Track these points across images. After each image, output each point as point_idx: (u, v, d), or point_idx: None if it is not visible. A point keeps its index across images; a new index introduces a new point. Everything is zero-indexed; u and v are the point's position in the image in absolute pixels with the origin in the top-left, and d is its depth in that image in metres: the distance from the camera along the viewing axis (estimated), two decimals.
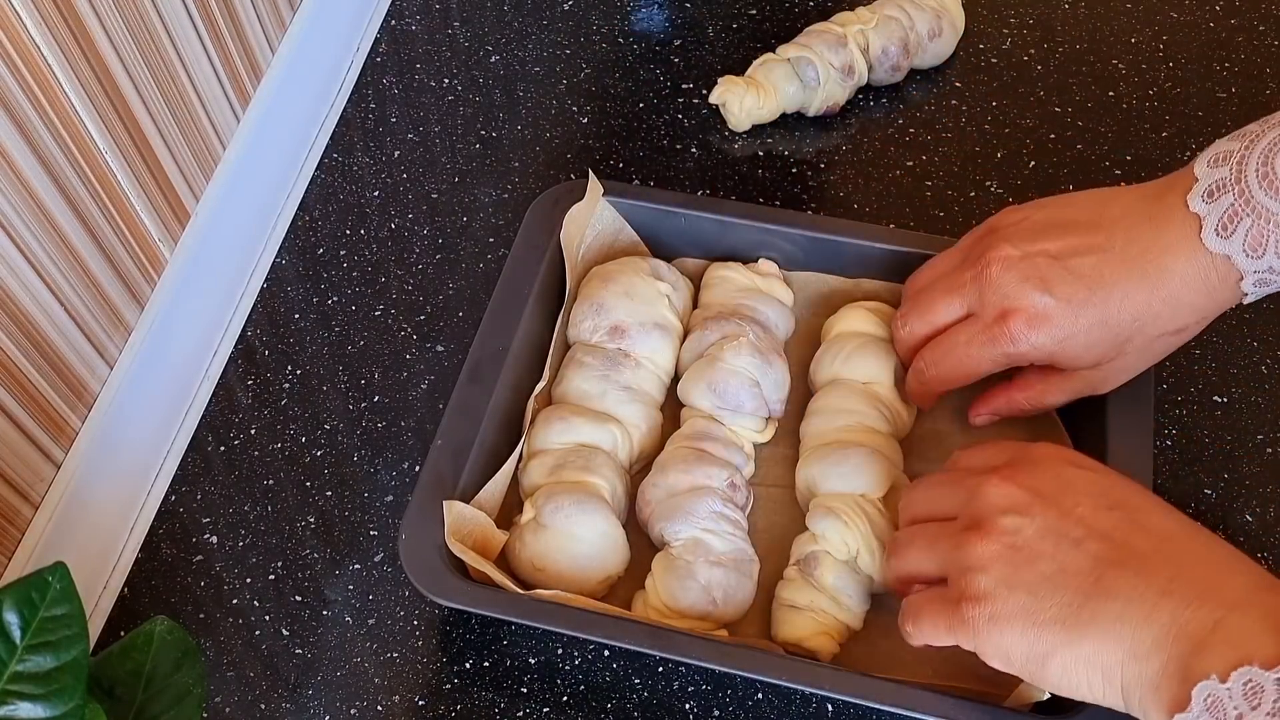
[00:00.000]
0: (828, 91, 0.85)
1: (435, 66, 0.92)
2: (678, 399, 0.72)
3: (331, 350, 0.78)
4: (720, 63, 0.90)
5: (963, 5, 0.89)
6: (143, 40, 0.67)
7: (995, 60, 0.89)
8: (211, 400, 0.77)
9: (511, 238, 0.76)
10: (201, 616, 0.69)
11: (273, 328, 0.80)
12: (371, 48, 0.92)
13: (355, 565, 0.70)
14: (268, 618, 0.69)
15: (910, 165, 0.84)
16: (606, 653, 0.67)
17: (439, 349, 0.78)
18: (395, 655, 0.67)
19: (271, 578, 0.70)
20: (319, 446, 0.75)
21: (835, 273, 0.76)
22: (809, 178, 0.84)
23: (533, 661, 0.67)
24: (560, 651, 0.67)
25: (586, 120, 0.88)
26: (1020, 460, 0.57)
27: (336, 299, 0.81)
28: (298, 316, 0.80)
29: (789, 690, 0.65)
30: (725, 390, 0.69)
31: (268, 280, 0.81)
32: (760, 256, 0.76)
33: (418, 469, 0.73)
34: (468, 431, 0.67)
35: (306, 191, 0.85)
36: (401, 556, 0.64)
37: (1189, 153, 0.84)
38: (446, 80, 0.91)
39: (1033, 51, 0.90)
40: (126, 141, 0.68)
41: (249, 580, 0.70)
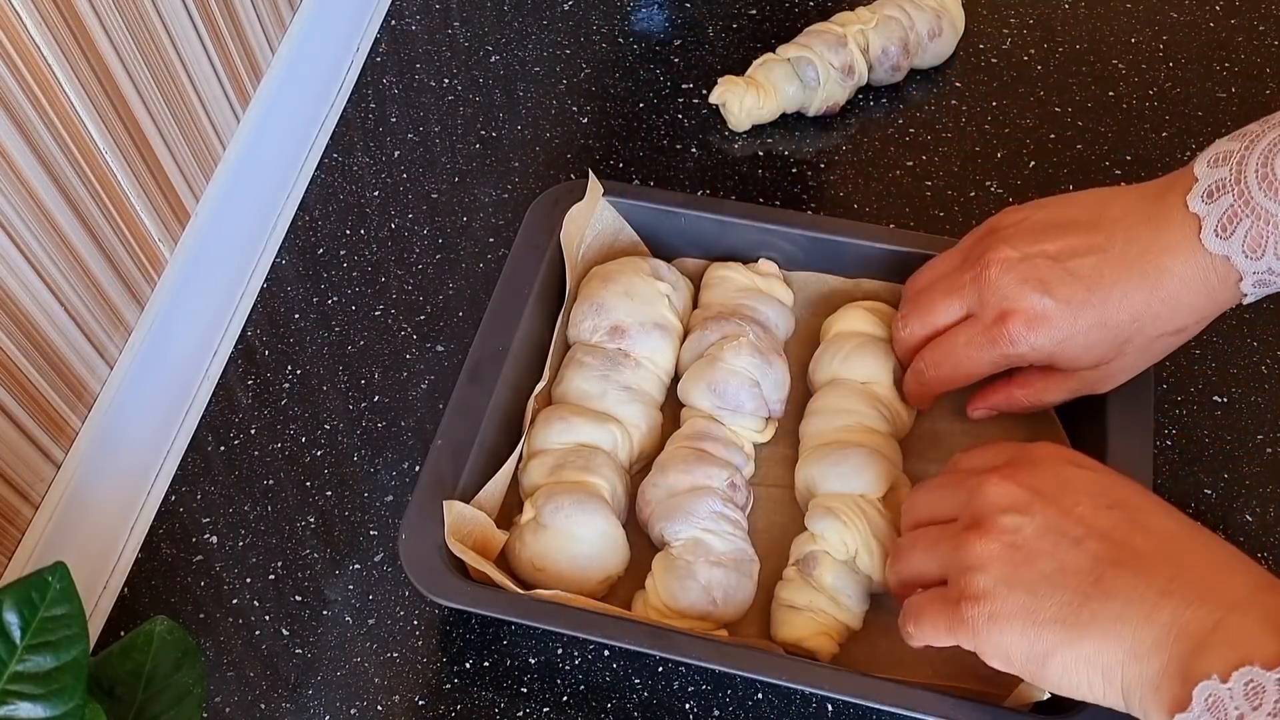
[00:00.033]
0: (828, 91, 0.85)
1: (435, 66, 0.92)
2: (678, 399, 0.72)
3: (331, 350, 0.78)
4: (720, 63, 0.90)
5: (963, 5, 0.89)
6: (143, 40, 0.67)
7: (995, 60, 0.89)
8: (211, 400, 0.77)
9: (511, 238, 0.76)
10: (201, 616, 0.69)
11: (273, 328, 0.80)
12: (371, 48, 0.92)
13: (355, 565, 0.70)
14: (268, 618, 0.69)
15: (910, 165, 0.84)
16: (606, 653, 0.67)
17: (439, 349, 0.78)
18: (395, 655, 0.67)
19: (271, 578, 0.70)
20: (319, 446, 0.75)
21: (835, 273, 0.76)
22: (809, 178, 0.84)
23: (533, 661, 0.67)
24: (560, 651, 0.67)
25: (586, 120, 0.88)
26: (1020, 460, 0.57)
27: (336, 299, 0.81)
28: (298, 316, 0.80)
29: (789, 690, 0.65)
30: (725, 390, 0.69)
31: (268, 280, 0.81)
32: (760, 256, 0.76)
33: (418, 469, 0.73)
34: (468, 431, 0.67)
35: (306, 191, 0.85)
36: (401, 556, 0.64)
37: (1189, 153, 0.84)
38: (446, 80, 0.91)
39: (1033, 51, 0.90)
40: (126, 141, 0.68)
41: (249, 580, 0.70)
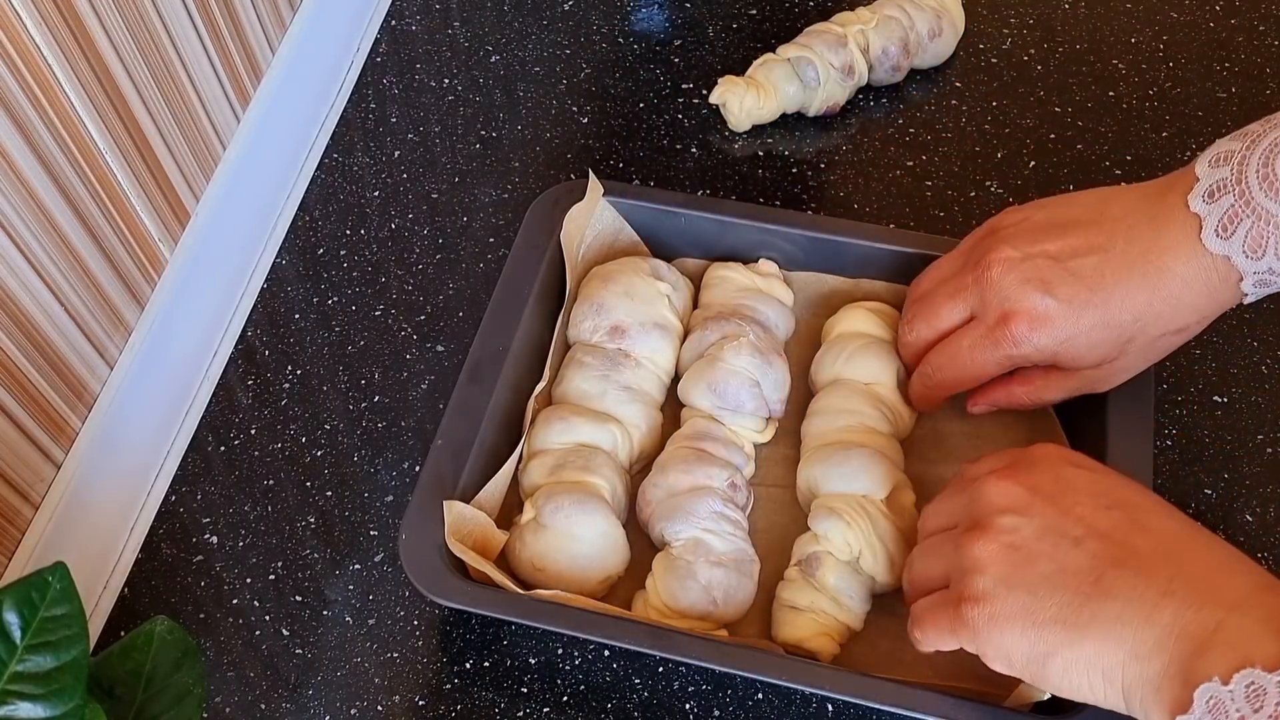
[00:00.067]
0: (828, 91, 0.85)
1: (435, 66, 0.92)
2: (678, 399, 0.72)
3: (331, 350, 0.78)
4: (720, 63, 0.90)
5: (963, 5, 0.89)
6: (143, 40, 0.67)
7: (995, 60, 0.89)
8: (211, 400, 0.77)
9: (511, 238, 0.76)
10: (201, 616, 0.69)
11: (273, 328, 0.80)
12: (371, 48, 0.92)
13: (355, 565, 0.70)
14: (268, 618, 0.69)
15: (910, 165, 0.84)
16: (606, 653, 0.67)
17: (439, 349, 0.78)
18: (395, 655, 0.67)
19: (271, 578, 0.70)
20: (319, 446, 0.75)
21: (835, 273, 0.76)
22: (809, 178, 0.84)
23: (533, 661, 0.67)
24: (560, 651, 0.67)
25: (586, 120, 0.88)
26: (1020, 461, 0.57)
27: (336, 299, 0.81)
28: (298, 316, 0.80)
29: (789, 690, 0.65)
30: (725, 390, 0.69)
31: (268, 280, 0.81)
32: (760, 256, 0.76)
33: (418, 469, 0.73)
34: (468, 431, 0.67)
35: (306, 191, 0.85)
36: (401, 556, 0.64)
37: (1189, 153, 0.84)
38: (446, 80, 0.91)
39: (1033, 51, 0.90)
40: (126, 141, 0.68)
41: (249, 580, 0.70)
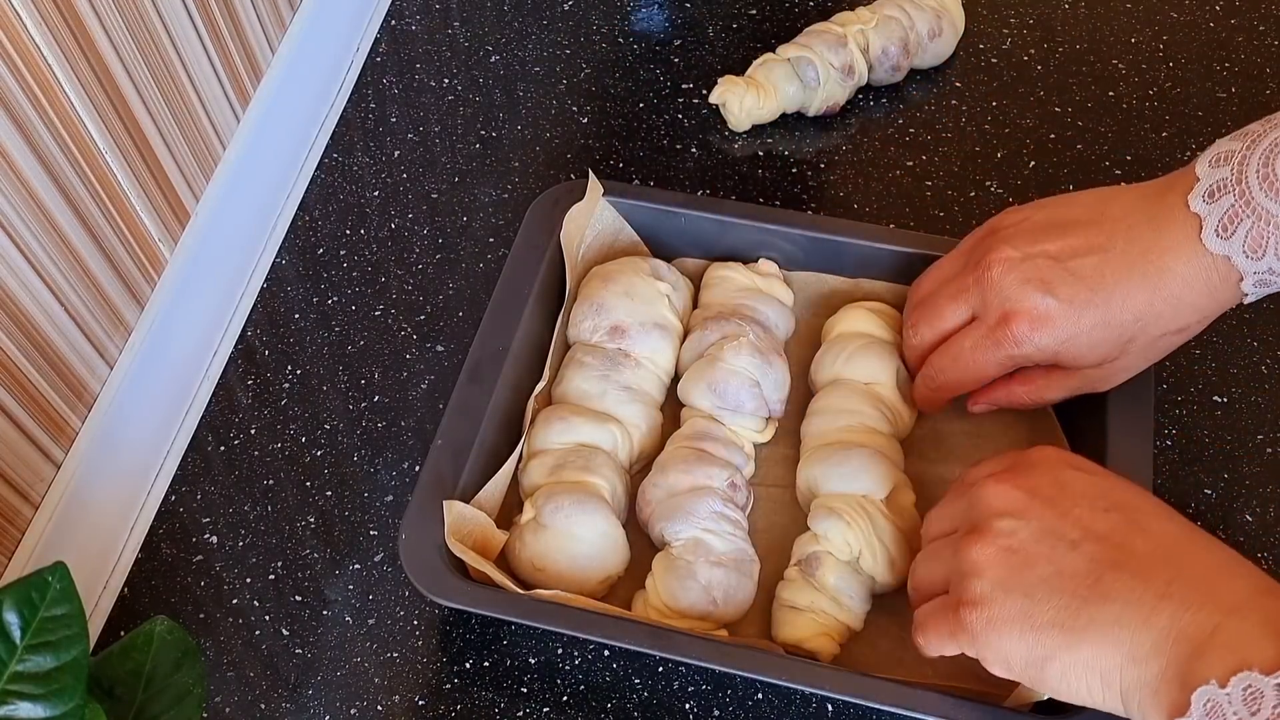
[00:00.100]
0: (828, 91, 0.85)
1: (435, 66, 0.92)
2: (678, 399, 0.72)
3: (331, 350, 0.78)
4: (720, 63, 0.90)
5: (963, 5, 0.89)
6: (143, 40, 0.67)
7: (995, 60, 0.89)
8: (211, 400, 0.77)
9: (511, 238, 0.76)
10: (201, 616, 0.69)
11: (273, 328, 0.80)
12: (371, 48, 0.92)
13: (355, 565, 0.70)
14: (268, 618, 0.69)
15: (910, 165, 0.84)
16: (606, 653, 0.67)
17: (439, 349, 0.78)
18: (395, 655, 0.67)
19: (271, 578, 0.70)
20: (319, 446, 0.75)
21: (835, 273, 0.76)
22: (809, 178, 0.84)
23: (533, 661, 0.67)
24: (560, 651, 0.67)
25: (586, 120, 0.88)
26: (1019, 464, 0.57)
27: (336, 299, 0.81)
28: (298, 316, 0.80)
29: (789, 690, 0.65)
30: (725, 390, 0.69)
31: (268, 280, 0.81)
32: (760, 256, 0.76)
33: (418, 469, 0.73)
34: (468, 431, 0.67)
35: (306, 191, 0.85)
36: (401, 556, 0.64)
37: (1189, 153, 0.83)
38: (446, 80, 0.91)
39: (1033, 51, 0.89)
40: (126, 141, 0.68)
41: (249, 580, 0.70)
